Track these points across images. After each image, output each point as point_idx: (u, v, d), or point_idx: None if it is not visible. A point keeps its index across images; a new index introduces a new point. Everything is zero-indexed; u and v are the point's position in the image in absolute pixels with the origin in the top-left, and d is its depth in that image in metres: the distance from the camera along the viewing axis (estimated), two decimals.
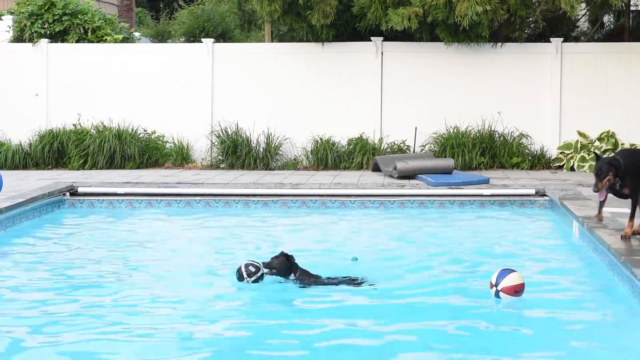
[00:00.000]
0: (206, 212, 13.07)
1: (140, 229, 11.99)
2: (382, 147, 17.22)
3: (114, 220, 12.55)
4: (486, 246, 10.57)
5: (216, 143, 17.37)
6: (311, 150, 17.28)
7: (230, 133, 17.22)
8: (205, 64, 17.74)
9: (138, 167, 17.10)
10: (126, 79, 17.84)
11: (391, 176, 15.30)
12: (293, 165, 17.26)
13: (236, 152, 17.13)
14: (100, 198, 13.45)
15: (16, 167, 17.02)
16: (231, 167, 17.10)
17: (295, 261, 8.40)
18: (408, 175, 15.03)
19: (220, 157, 17.35)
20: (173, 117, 17.64)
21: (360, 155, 17.01)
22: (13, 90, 17.86)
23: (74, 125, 17.45)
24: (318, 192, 13.60)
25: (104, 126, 17.34)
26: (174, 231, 11.89)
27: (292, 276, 8.34)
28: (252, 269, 8.18)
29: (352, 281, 8.37)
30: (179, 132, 17.58)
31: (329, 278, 8.41)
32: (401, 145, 17.29)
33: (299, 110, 17.54)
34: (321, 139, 17.23)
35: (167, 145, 17.58)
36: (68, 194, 13.47)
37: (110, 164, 17.06)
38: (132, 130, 17.36)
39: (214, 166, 17.34)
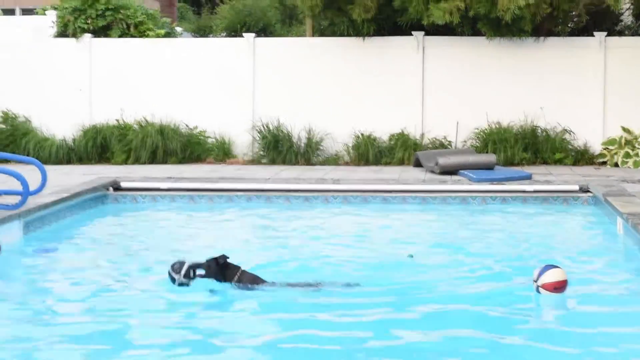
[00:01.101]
0: (248, 206, 13.12)
1: (182, 223, 12.06)
2: (423, 143, 17.18)
3: (157, 214, 12.64)
4: (528, 242, 10.50)
5: (257, 138, 17.42)
6: (352, 146, 17.28)
7: (271, 128, 17.26)
8: (246, 59, 17.79)
9: (180, 163, 17.21)
10: (168, 74, 17.95)
11: (433, 172, 15.25)
12: (334, 160, 17.27)
13: (277, 147, 17.18)
14: (143, 193, 13.55)
15: (60, 162, 17.21)
16: (272, 162, 17.15)
17: (231, 264, 7.84)
18: (450, 171, 14.97)
19: (261, 153, 17.41)
20: (215, 112, 17.71)
21: (402, 150, 16.98)
22: (57, 85, 18.03)
23: (117, 120, 17.59)
24: (359, 187, 13.59)
25: (147, 121, 17.46)
26: (215, 225, 11.95)
27: (230, 281, 7.78)
28: (177, 265, 7.69)
29: (317, 285, 7.91)
30: (221, 127, 17.65)
31: (289, 284, 7.93)
32: (443, 140, 17.24)
33: (340, 105, 17.53)
34: (362, 134, 17.22)
35: (209, 140, 17.66)
36: (111, 188, 13.58)
37: (153, 159, 17.19)
38: (175, 125, 17.47)
39: (255, 161, 17.40)
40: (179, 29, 22.60)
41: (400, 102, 17.44)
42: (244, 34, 18.31)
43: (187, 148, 17.43)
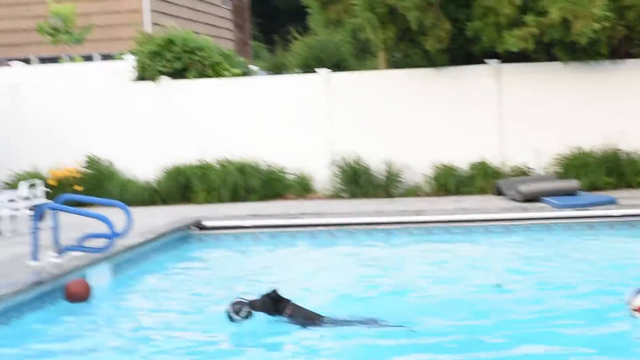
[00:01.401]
0: (330, 241, 13.14)
1: (266, 259, 12.13)
2: (503, 171, 17.03)
3: (240, 251, 12.74)
4: (618, 268, 10.32)
5: (337, 172, 17.47)
6: (432, 176, 17.21)
7: (350, 162, 17.29)
8: (322, 94, 17.88)
9: (261, 200, 17.33)
10: (246, 112, 18.11)
11: (514, 199, 15.10)
12: (414, 191, 17.22)
13: (357, 180, 17.20)
14: (226, 231, 13.67)
15: (144, 204, 17.45)
16: (352, 195, 17.16)
17: (283, 298, 7.96)
18: (532, 198, 14.81)
19: (341, 187, 17.44)
20: (293, 148, 17.80)
21: (482, 179, 16.86)
22: (138, 128, 18.33)
23: (198, 160, 17.81)
24: (441, 217, 13.52)
25: (227, 160, 17.64)
26: (298, 261, 11.98)
27: (281, 315, 7.92)
28: (238, 306, 7.87)
29: (371, 322, 7.83)
30: (300, 163, 17.74)
31: (345, 320, 7.91)
32: (523, 168, 17.06)
33: (417, 136, 17.49)
34: (442, 164, 17.14)
35: (289, 176, 17.76)
36: (195, 228, 13.74)
37: (234, 197, 17.34)
38: (254, 163, 17.61)
39: (335, 196, 17.44)
40: (254, 68, 22.86)
41: (479, 130, 17.32)
42: (318, 70, 18.43)
43: (268, 185, 17.55)
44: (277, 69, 26.26)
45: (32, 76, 19.04)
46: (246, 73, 20.15)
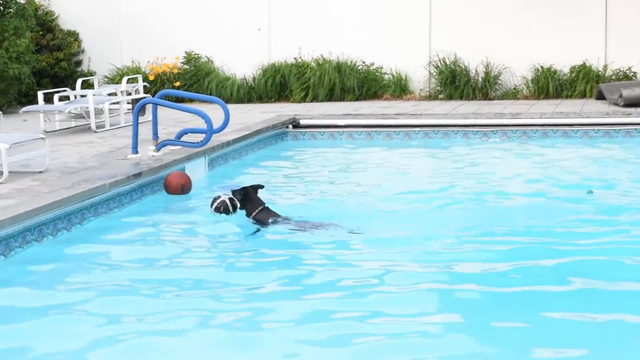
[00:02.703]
0: (425, 142, 13.11)
1: (360, 159, 12.17)
2: (606, 74, 16.60)
3: (335, 150, 12.81)
4: None
5: (434, 73, 17.29)
6: (531, 79, 16.90)
7: (448, 63, 17.08)
8: None
9: (357, 99, 17.32)
10: (345, 11, 17.95)
11: (616, 104, 14.75)
12: (512, 94, 16.96)
13: (454, 82, 17.00)
14: (322, 130, 13.76)
15: (241, 101, 17.64)
16: (449, 97, 17.00)
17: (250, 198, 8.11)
18: (635, 103, 14.42)
19: (438, 88, 17.28)
20: (391, 48, 17.63)
21: (583, 83, 16.48)
22: (237, 25, 18.38)
23: (295, 58, 17.82)
24: (539, 121, 13.33)
25: (324, 59, 17.61)
26: (393, 161, 11.99)
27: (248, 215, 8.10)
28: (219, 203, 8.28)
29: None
30: (397, 63, 17.59)
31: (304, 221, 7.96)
32: (627, 72, 16.59)
33: (518, 37, 17.11)
34: (542, 67, 16.79)
35: (385, 76, 17.65)
36: (291, 126, 13.86)
37: (330, 97, 17.36)
38: (351, 62, 17.54)
39: (432, 97, 17.30)
40: None
41: (582, 32, 16.84)
42: None
43: (364, 85, 17.50)
44: None
45: None
46: None
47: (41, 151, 9.84)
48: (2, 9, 16.21)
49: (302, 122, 13.96)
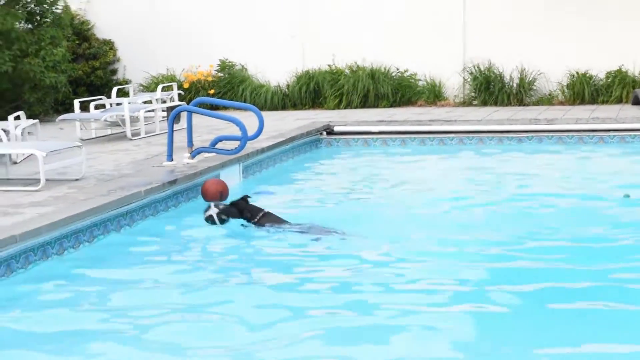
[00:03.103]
0: (460, 148, 13.07)
1: (394, 165, 12.17)
2: None
3: (369, 157, 12.81)
4: None
5: (468, 80, 17.24)
6: (566, 85, 16.79)
7: (482, 69, 17.02)
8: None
9: (391, 106, 17.30)
10: (377, 18, 17.95)
11: None
12: (547, 100, 16.86)
13: (489, 88, 16.93)
14: (356, 137, 13.76)
15: (275, 108, 17.68)
16: (484, 103, 16.93)
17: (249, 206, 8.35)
18: None
19: (472, 94, 17.22)
20: (425, 54, 17.58)
21: (619, 88, 16.34)
22: (271, 32, 18.44)
23: (329, 65, 17.85)
24: (574, 127, 13.24)
25: (358, 66, 17.62)
26: (428, 168, 11.97)
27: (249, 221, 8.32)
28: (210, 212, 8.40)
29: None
30: (431, 69, 17.55)
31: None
32: None
33: (553, 43, 16.99)
34: (577, 72, 16.68)
35: (419, 83, 17.62)
36: (325, 133, 13.88)
37: (364, 103, 17.35)
38: (385, 69, 17.53)
39: (466, 103, 17.25)
40: None
41: (617, 37, 16.69)
42: None
43: (398, 91, 17.48)
44: None
45: None
46: None
47: (77, 159, 9.93)
48: (39, 18, 16.39)
49: (336, 128, 13.97)
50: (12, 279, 6.73)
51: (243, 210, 8.38)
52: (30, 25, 16.38)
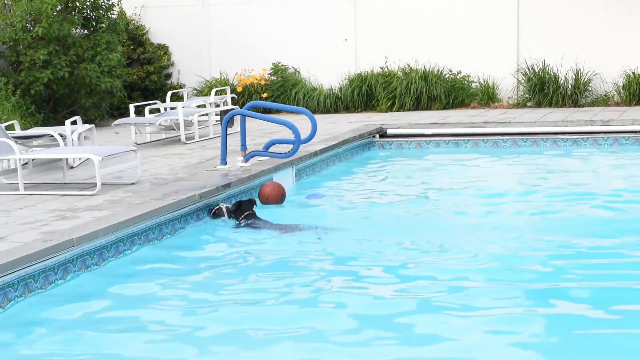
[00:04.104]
0: (514, 151, 12.97)
1: (449, 169, 12.11)
2: None
3: (424, 160, 12.77)
4: None
5: (522, 81, 17.10)
6: (622, 85, 16.58)
7: (536, 70, 16.86)
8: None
9: (444, 108, 17.22)
10: (430, 19, 17.89)
11: None
12: (603, 101, 16.65)
13: (543, 89, 16.77)
14: (408, 139, 13.73)
15: (328, 111, 17.70)
16: (538, 105, 16.78)
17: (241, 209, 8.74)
18: None
19: (526, 95, 17.07)
20: (478, 56, 17.49)
21: None
22: (323, 36, 18.47)
23: (382, 68, 17.82)
24: (631, 128, 13.06)
25: (410, 68, 17.57)
26: (482, 171, 11.89)
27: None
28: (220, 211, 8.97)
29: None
30: (484, 71, 17.44)
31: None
32: None
33: (608, 43, 16.79)
34: (634, 72, 16.45)
35: (473, 85, 17.52)
36: (377, 135, 13.86)
37: (417, 106, 17.30)
38: (438, 71, 17.46)
39: (520, 105, 17.10)
40: None
41: None
42: None
43: (451, 93, 17.39)
44: None
45: None
46: None
47: (133, 163, 10.04)
48: (94, 24, 16.59)
49: (389, 131, 13.95)
50: (70, 282, 6.83)
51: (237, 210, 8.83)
52: (86, 31, 16.60)
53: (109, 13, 16.67)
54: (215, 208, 8.89)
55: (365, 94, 17.67)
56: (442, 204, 9.66)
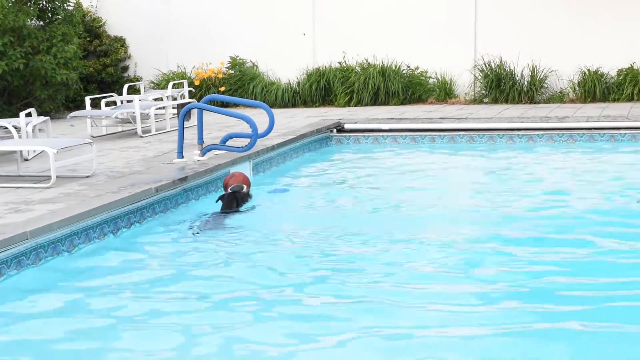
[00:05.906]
0: (470, 147, 13.05)
1: (405, 164, 12.15)
2: None
3: (379, 155, 12.80)
4: None
5: (479, 77, 17.22)
6: (578, 82, 16.76)
7: (493, 67, 17.00)
8: None
9: (402, 103, 17.30)
10: (388, 15, 17.96)
11: None
12: (559, 98, 16.83)
13: (500, 86, 16.91)
14: (366, 134, 13.76)
15: (285, 106, 17.71)
16: (495, 101, 16.92)
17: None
18: None
19: (483, 92, 17.20)
20: (435, 52, 17.59)
21: (630, 86, 16.31)
22: (282, 30, 18.46)
23: (340, 63, 17.85)
24: (585, 125, 13.20)
25: (368, 63, 17.62)
26: (437, 166, 11.95)
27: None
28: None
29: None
30: (442, 67, 17.55)
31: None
32: None
33: (564, 41, 16.97)
34: (588, 70, 16.64)
35: (430, 80, 17.62)
36: (335, 130, 13.88)
37: (375, 101, 17.36)
38: (396, 66, 17.52)
39: (477, 101, 17.23)
40: None
41: (629, 34, 16.66)
42: None
43: (409, 89, 17.47)
44: None
45: None
46: None
47: (88, 156, 9.95)
48: (50, 15, 16.43)
49: (346, 126, 13.98)
50: (23, 275, 6.76)
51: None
52: (41, 22, 16.43)
53: (65, 4, 16.51)
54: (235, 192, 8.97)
55: (323, 88, 17.69)
56: (397, 197, 9.69)
